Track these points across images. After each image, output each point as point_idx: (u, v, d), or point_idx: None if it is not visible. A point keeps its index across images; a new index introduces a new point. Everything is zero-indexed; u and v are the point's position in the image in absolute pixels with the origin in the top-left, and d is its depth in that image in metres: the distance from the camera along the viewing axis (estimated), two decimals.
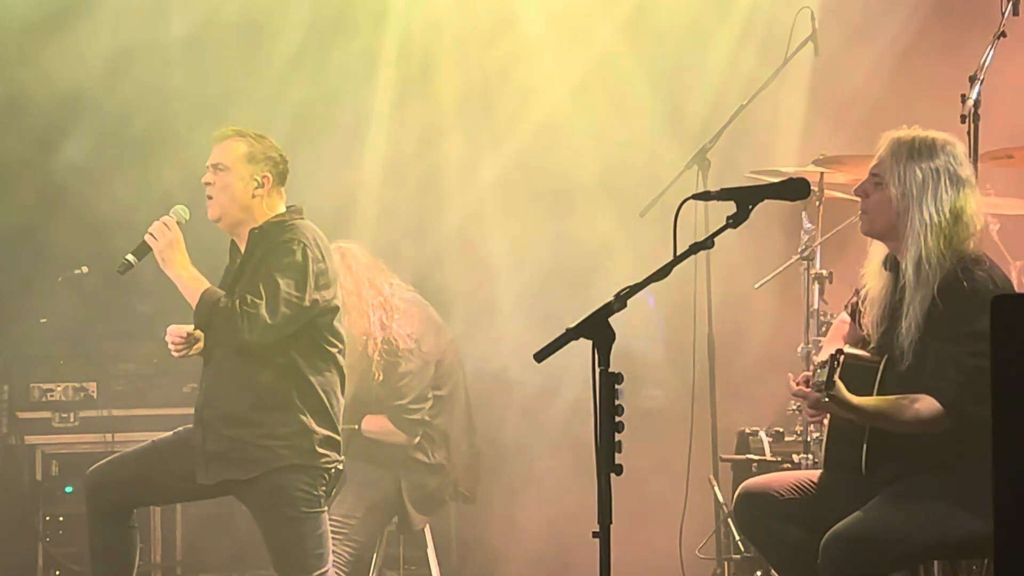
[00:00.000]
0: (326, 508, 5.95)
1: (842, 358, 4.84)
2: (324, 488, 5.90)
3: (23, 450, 7.85)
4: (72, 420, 7.95)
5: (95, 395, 8.00)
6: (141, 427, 7.85)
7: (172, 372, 8.04)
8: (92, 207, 7.99)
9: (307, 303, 5.81)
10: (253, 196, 5.96)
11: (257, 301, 5.70)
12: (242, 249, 6.01)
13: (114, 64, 8.03)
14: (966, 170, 5.16)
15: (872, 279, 5.34)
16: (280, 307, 5.73)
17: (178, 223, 5.94)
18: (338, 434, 5.94)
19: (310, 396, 5.87)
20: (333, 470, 5.91)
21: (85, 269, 7.66)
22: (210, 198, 5.96)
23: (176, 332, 5.93)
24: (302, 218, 6.01)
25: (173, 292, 5.96)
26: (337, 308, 5.99)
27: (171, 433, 6.16)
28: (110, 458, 6.20)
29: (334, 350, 5.96)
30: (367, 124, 8.40)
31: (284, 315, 5.75)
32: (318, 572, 5.92)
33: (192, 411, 6.05)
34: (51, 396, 7.95)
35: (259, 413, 5.84)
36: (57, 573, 7.81)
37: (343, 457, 6.00)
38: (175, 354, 5.96)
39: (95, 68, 7.98)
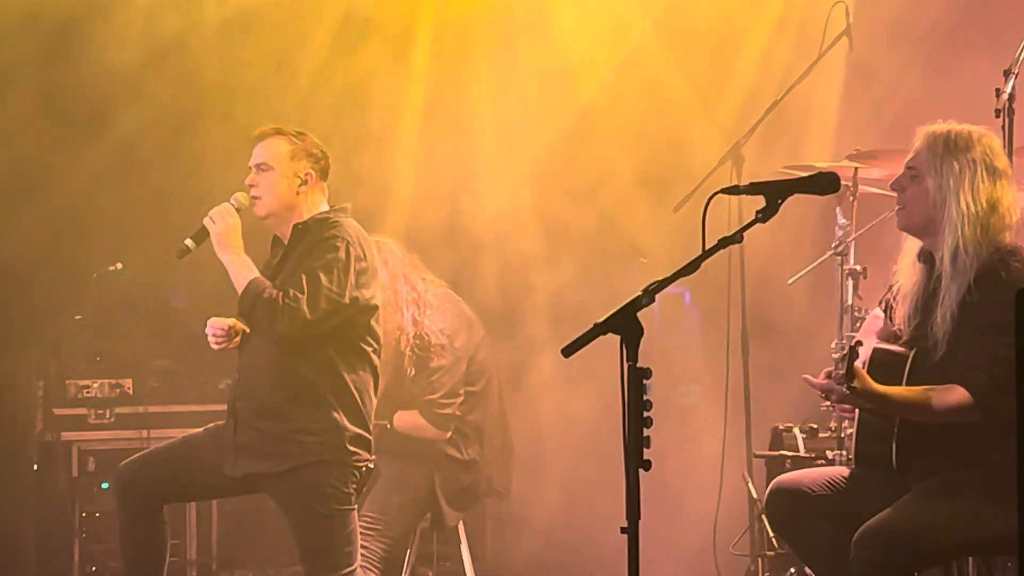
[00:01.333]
0: (356, 506, 5.95)
1: (860, 349, 4.84)
2: (355, 486, 5.90)
3: (59, 447, 7.87)
4: (108, 417, 7.97)
5: (131, 391, 8.02)
6: (177, 423, 7.88)
7: (208, 368, 8.06)
8: (128, 203, 8.03)
9: (347, 300, 5.83)
10: (297, 193, 6.01)
11: (299, 296, 5.72)
12: (285, 243, 6.04)
13: (149, 58, 8.05)
14: (1002, 161, 5.17)
15: (905, 274, 5.33)
16: (320, 303, 5.75)
17: (238, 210, 5.97)
18: (369, 433, 5.95)
19: (344, 393, 5.88)
20: (364, 468, 5.91)
21: (120, 266, 7.69)
22: (257, 198, 6.00)
23: (217, 325, 5.97)
24: (347, 215, 6.04)
25: (206, 289, 5.98)
26: (376, 307, 6.00)
27: (202, 429, 6.18)
28: (140, 454, 6.23)
29: (370, 349, 5.97)
30: (400, 118, 8.40)
31: (323, 311, 5.77)
32: (347, 570, 5.92)
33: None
34: (87, 393, 7.98)
35: (292, 407, 5.86)
36: (93, 569, 7.84)
37: (374, 456, 6.01)
38: (215, 346, 6.00)
39: (129, 64, 7.99)
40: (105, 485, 7.86)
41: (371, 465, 5.96)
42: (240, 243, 5.93)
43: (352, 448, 5.86)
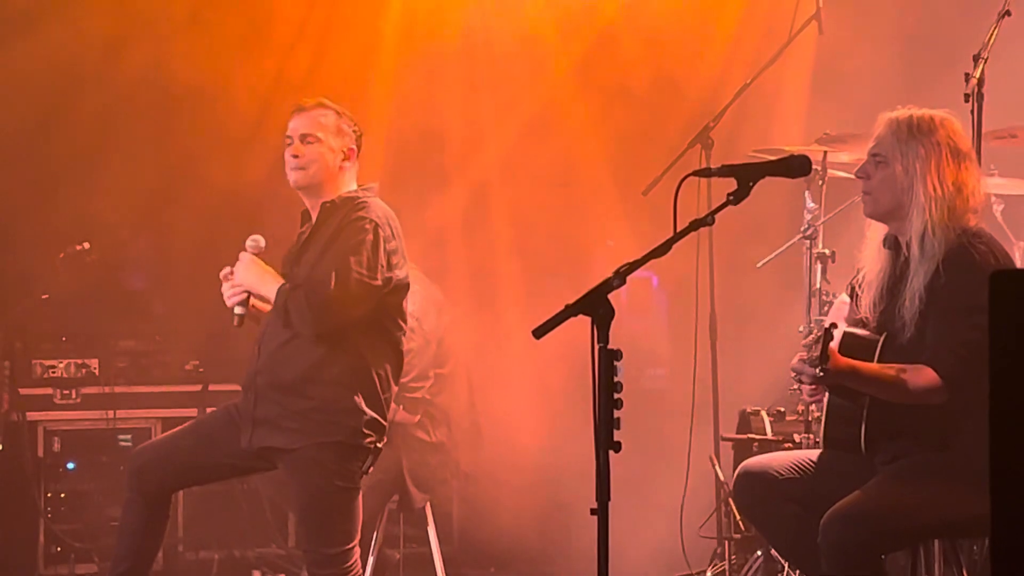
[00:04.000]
0: (361, 486, 5.90)
1: (834, 332, 4.85)
2: (362, 464, 5.87)
3: (25, 426, 7.85)
4: (74, 397, 7.95)
5: (97, 372, 7.99)
6: (143, 403, 7.88)
7: (174, 349, 8.05)
8: (94, 183, 7.99)
9: (379, 282, 5.79)
10: (340, 168, 5.99)
11: (326, 291, 5.67)
12: (313, 218, 6.00)
13: (114, 42, 8.02)
14: (965, 143, 5.21)
15: (869, 261, 5.35)
16: (351, 287, 5.70)
17: (256, 254, 5.90)
18: (385, 419, 5.90)
19: (364, 377, 5.83)
20: (373, 447, 5.89)
21: (87, 245, 7.67)
22: (301, 169, 5.94)
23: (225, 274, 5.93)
24: (373, 195, 6.01)
25: (167, 270, 5.93)
26: (407, 286, 5.96)
27: (215, 410, 6.16)
28: (154, 440, 6.18)
29: (398, 332, 5.93)
30: (368, 104, 8.38)
31: (355, 295, 5.72)
32: (347, 546, 5.85)
33: (194, 388, 6.01)
34: (53, 372, 7.95)
35: (313, 386, 5.80)
36: (58, 549, 7.82)
37: (385, 439, 5.97)
38: (230, 301, 5.93)
39: (95, 45, 7.96)
40: (71, 465, 7.84)
41: (380, 445, 5.92)
42: (267, 268, 5.86)
43: (367, 431, 5.82)
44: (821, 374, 4.85)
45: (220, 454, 5.99)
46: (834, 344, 4.97)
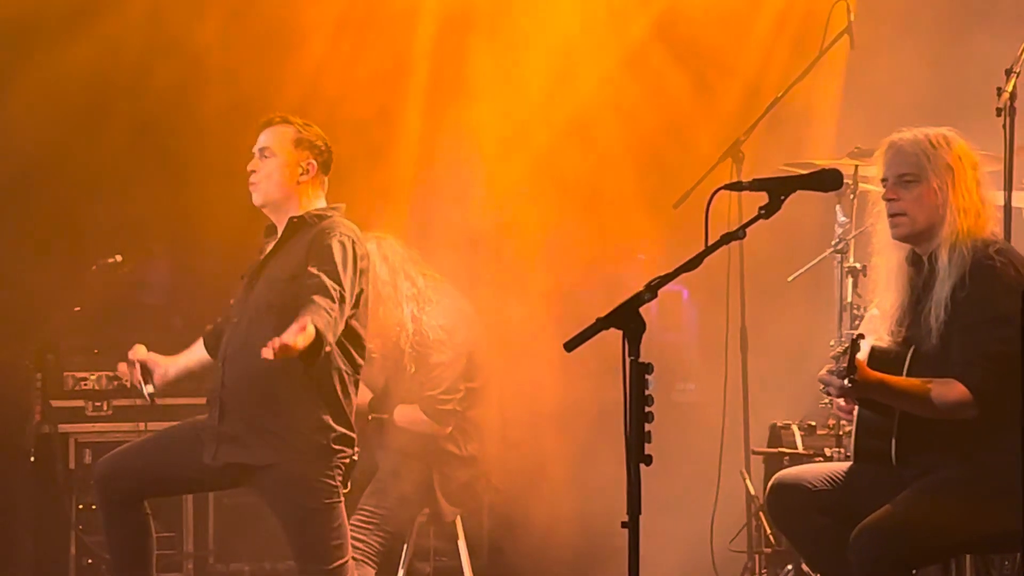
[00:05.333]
0: (343, 500, 5.91)
1: (862, 343, 4.85)
2: (341, 478, 5.86)
3: (57, 438, 7.88)
4: (105, 409, 7.97)
5: (128, 384, 8.01)
6: (174, 416, 7.83)
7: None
8: (126, 196, 8.02)
9: (352, 298, 5.82)
10: (298, 183, 5.97)
11: (333, 306, 5.66)
12: (279, 233, 6.01)
13: (146, 57, 8.05)
14: (976, 158, 5.27)
15: (884, 290, 5.35)
16: (347, 306, 5.74)
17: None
18: (353, 431, 5.89)
19: (329, 392, 5.84)
20: (348, 461, 5.87)
21: (119, 258, 7.68)
22: (255, 184, 5.97)
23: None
24: (341, 214, 6.01)
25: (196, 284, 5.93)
26: (363, 302, 5.98)
27: (181, 423, 6.17)
28: (119, 448, 6.18)
29: (353, 346, 5.95)
30: (398, 118, 8.39)
31: (345, 312, 5.76)
32: (338, 563, 5.87)
33: None
34: (85, 385, 7.97)
35: (279, 404, 5.79)
36: (90, 561, 7.84)
37: (358, 449, 5.96)
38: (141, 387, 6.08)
39: (128, 61, 7.99)
40: None
41: (355, 458, 5.92)
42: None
43: (336, 447, 5.82)
44: (849, 385, 4.84)
45: (183, 468, 5.99)
46: (863, 356, 4.97)
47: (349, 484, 5.95)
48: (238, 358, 5.91)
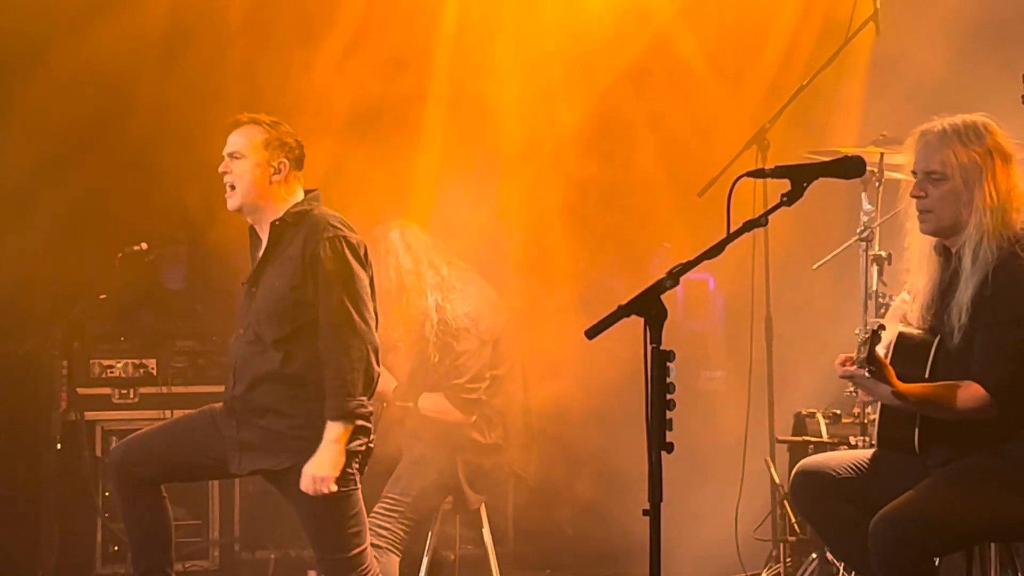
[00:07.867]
0: (360, 487, 5.90)
1: (882, 333, 4.83)
2: (357, 466, 5.86)
3: (83, 426, 7.92)
4: (132, 396, 8.01)
5: (155, 371, 8.05)
6: (200, 403, 7.81)
7: None
8: (151, 184, 8.04)
9: (372, 300, 5.84)
10: (271, 183, 5.93)
11: (351, 326, 5.70)
12: (263, 237, 5.98)
13: (170, 45, 8.06)
14: (1010, 145, 5.20)
15: (917, 270, 5.34)
16: (365, 311, 5.76)
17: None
18: (368, 421, 5.89)
19: None
20: (364, 449, 5.87)
21: (145, 245, 7.69)
22: (232, 187, 5.93)
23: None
24: (319, 202, 5.98)
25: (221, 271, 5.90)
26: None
27: (197, 411, 6.16)
28: (135, 434, 6.18)
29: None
30: (423, 109, 8.38)
31: (374, 327, 5.81)
32: (357, 550, 5.87)
33: None
34: (111, 372, 8.01)
35: (291, 405, 5.81)
36: (116, 548, 7.87)
37: (374, 436, 5.96)
38: None
39: (152, 49, 8.00)
40: None
41: (371, 446, 5.91)
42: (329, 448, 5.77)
43: (351, 437, 5.82)
44: (869, 375, 4.83)
45: (203, 457, 6.00)
46: (886, 345, 4.96)
47: (363, 472, 5.95)
48: (246, 368, 5.92)
